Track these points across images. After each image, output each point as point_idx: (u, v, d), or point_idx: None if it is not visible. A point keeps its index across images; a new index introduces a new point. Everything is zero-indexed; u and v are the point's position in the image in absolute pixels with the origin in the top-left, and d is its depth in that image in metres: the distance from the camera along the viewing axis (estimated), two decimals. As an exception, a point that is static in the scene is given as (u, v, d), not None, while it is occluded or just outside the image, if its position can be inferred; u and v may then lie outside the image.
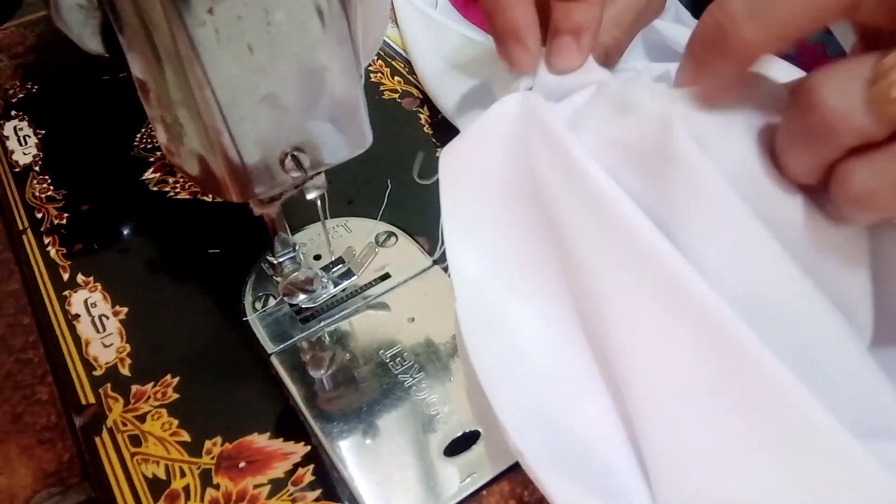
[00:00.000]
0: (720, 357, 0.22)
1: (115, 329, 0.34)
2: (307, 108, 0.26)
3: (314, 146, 0.27)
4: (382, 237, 0.38)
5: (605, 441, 0.26)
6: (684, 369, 0.24)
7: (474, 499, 0.27)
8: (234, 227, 0.38)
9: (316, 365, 0.32)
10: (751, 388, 0.22)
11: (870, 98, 0.21)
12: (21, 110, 0.50)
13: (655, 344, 0.24)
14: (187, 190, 0.42)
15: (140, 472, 0.29)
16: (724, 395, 0.23)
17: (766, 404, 0.22)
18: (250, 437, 0.29)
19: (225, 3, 0.23)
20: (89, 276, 0.37)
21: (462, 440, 0.29)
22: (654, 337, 0.24)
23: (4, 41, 0.58)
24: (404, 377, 0.31)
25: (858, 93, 0.21)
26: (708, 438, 0.23)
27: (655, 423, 0.24)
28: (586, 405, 0.27)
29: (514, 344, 0.28)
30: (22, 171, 0.45)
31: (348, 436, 0.29)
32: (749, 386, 0.22)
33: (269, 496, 0.28)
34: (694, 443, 0.23)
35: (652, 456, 0.25)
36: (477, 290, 0.29)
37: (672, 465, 0.24)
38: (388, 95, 0.49)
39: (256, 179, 0.27)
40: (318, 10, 0.24)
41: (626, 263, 0.25)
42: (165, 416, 0.30)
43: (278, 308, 0.35)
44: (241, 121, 0.25)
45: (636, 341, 0.25)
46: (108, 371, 0.33)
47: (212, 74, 0.24)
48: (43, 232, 0.40)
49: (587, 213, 0.26)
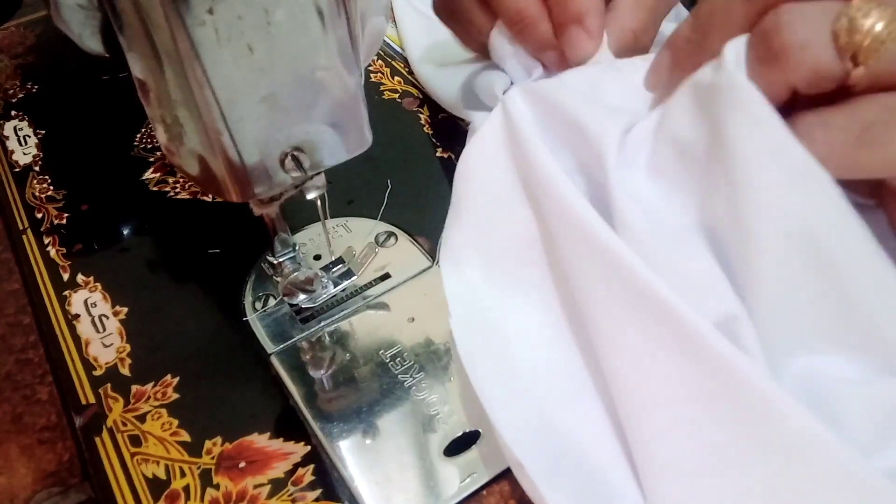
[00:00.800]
0: (701, 366, 0.23)
1: (115, 329, 0.34)
2: (307, 109, 0.26)
3: (314, 146, 0.27)
4: (382, 237, 0.38)
5: (602, 448, 0.26)
6: (668, 379, 0.24)
7: (474, 499, 0.27)
8: (234, 227, 0.38)
9: (316, 365, 0.32)
10: (735, 396, 0.22)
11: (833, 34, 0.22)
12: (21, 110, 0.50)
13: (636, 353, 0.24)
14: (187, 190, 0.42)
15: (140, 472, 0.29)
16: (709, 404, 0.23)
17: (750, 411, 0.22)
18: (250, 437, 0.29)
19: (225, 3, 0.23)
20: (89, 276, 0.37)
21: (462, 440, 0.29)
22: (634, 347, 0.24)
23: (4, 41, 0.58)
24: (404, 377, 0.31)
25: (823, 26, 0.22)
26: (695, 447, 0.23)
27: (644, 431, 0.25)
28: (582, 411, 0.27)
29: (508, 352, 0.28)
30: (22, 171, 0.45)
31: (348, 436, 0.29)
32: (733, 394, 0.22)
33: (269, 496, 0.28)
34: (681, 452, 0.24)
35: (643, 464, 0.25)
36: (470, 299, 0.30)
37: (662, 473, 0.24)
38: (388, 95, 0.49)
39: (256, 179, 0.27)
40: (318, 10, 0.24)
41: (604, 278, 0.25)
42: (165, 416, 0.30)
43: (278, 308, 0.35)
44: (240, 121, 0.25)
45: (619, 351, 0.25)
46: (108, 371, 0.33)
47: (212, 74, 0.24)
48: (43, 232, 0.40)
49: (565, 229, 0.27)
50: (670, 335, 0.23)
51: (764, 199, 0.23)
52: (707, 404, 0.23)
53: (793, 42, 0.22)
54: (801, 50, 0.22)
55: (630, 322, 0.24)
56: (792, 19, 0.22)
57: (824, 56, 0.22)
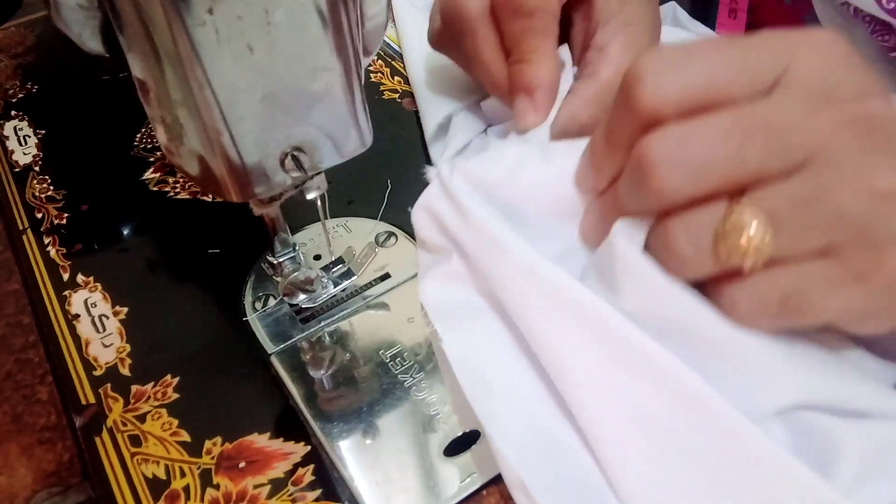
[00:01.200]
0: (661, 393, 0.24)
1: (115, 329, 0.34)
2: (307, 109, 0.26)
3: (314, 146, 0.27)
4: (382, 237, 0.38)
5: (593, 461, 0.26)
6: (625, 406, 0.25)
7: (474, 499, 0.27)
8: (234, 227, 0.38)
9: (316, 365, 0.32)
10: (694, 421, 0.23)
11: (716, 250, 0.23)
12: (21, 110, 0.50)
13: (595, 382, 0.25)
14: (187, 190, 0.42)
15: (140, 472, 0.29)
16: (669, 430, 0.24)
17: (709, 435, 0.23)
18: (250, 437, 0.29)
19: (225, 3, 0.23)
20: (89, 276, 0.37)
21: (462, 440, 0.29)
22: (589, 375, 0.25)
23: (4, 41, 0.58)
24: (404, 377, 0.31)
25: (706, 244, 0.23)
26: (660, 471, 0.24)
27: (613, 455, 0.25)
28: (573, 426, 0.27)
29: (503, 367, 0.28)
30: (22, 171, 0.45)
31: (348, 436, 0.29)
32: (693, 420, 0.23)
33: (269, 496, 0.28)
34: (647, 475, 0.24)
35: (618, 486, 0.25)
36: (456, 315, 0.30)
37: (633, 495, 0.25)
38: (388, 95, 0.49)
39: (256, 179, 0.27)
40: (318, 10, 0.24)
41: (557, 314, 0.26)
42: (165, 416, 0.30)
43: (278, 308, 0.35)
44: (240, 121, 0.25)
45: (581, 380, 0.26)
46: (108, 371, 0.33)
47: (212, 74, 0.24)
48: (43, 232, 0.40)
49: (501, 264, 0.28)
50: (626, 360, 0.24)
51: None
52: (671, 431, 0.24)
53: (687, 258, 0.24)
54: (693, 265, 0.24)
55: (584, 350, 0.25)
56: (680, 233, 0.24)
57: (711, 268, 0.24)
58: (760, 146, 0.22)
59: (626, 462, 0.24)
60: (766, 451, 0.22)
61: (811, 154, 0.22)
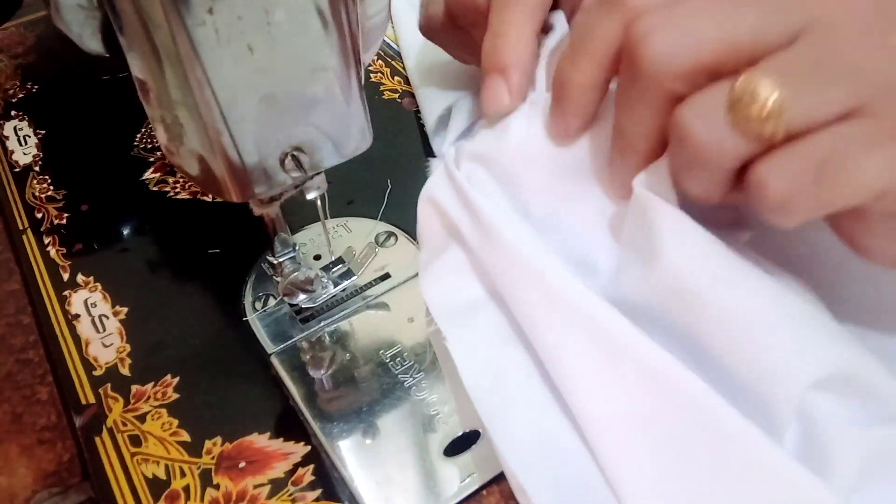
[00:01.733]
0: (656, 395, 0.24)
1: (115, 329, 0.34)
2: (307, 109, 0.26)
3: (314, 146, 0.27)
4: (382, 237, 0.38)
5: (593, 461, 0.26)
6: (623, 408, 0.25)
7: (474, 499, 0.27)
8: (234, 227, 0.38)
9: (316, 365, 0.32)
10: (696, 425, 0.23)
11: (732, 123, 0.21)
12: (21, 110, 0.50)
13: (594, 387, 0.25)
14: (187, 190, 0.42)
15: (140, 472, 0.29)
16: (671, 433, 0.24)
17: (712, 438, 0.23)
18: (250, 437, 0.29)
19: (225, 3, 0.23)
20: (89, 276, 0.37)
21: (462, 440, 0.29)
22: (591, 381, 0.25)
23: (4, 41, 0.58)
24: (404, 377, 0.31)
25: (721, 120, 0.21)
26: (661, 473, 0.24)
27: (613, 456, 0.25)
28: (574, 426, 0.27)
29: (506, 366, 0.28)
30: (22, 171, 0.45)
31: (348, 436, 0.29)
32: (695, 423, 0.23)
33: (269, 496, 0.28)
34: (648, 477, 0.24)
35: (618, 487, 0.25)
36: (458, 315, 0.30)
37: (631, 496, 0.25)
38: (388, 95, 0.49)
39: (256, 179, 0.27)
40: (318, 10, 0.24)
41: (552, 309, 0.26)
42: (165, 416, 0.30)
43: (278, 308, 0.35)
44: (241, 121, 0.25)
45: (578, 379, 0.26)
46: (108, 371, 0.33)
47: (212, 74, 0.24)
48: (43, 232, 0.40)
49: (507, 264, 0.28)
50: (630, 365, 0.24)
51: None
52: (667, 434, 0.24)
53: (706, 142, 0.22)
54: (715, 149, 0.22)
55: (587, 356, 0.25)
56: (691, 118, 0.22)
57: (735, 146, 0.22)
58: (754, 10, 0.21)
59: (627, 463, 0.24)
60: (769, 456, 0.22)
61: (811, 18, 0.21)
